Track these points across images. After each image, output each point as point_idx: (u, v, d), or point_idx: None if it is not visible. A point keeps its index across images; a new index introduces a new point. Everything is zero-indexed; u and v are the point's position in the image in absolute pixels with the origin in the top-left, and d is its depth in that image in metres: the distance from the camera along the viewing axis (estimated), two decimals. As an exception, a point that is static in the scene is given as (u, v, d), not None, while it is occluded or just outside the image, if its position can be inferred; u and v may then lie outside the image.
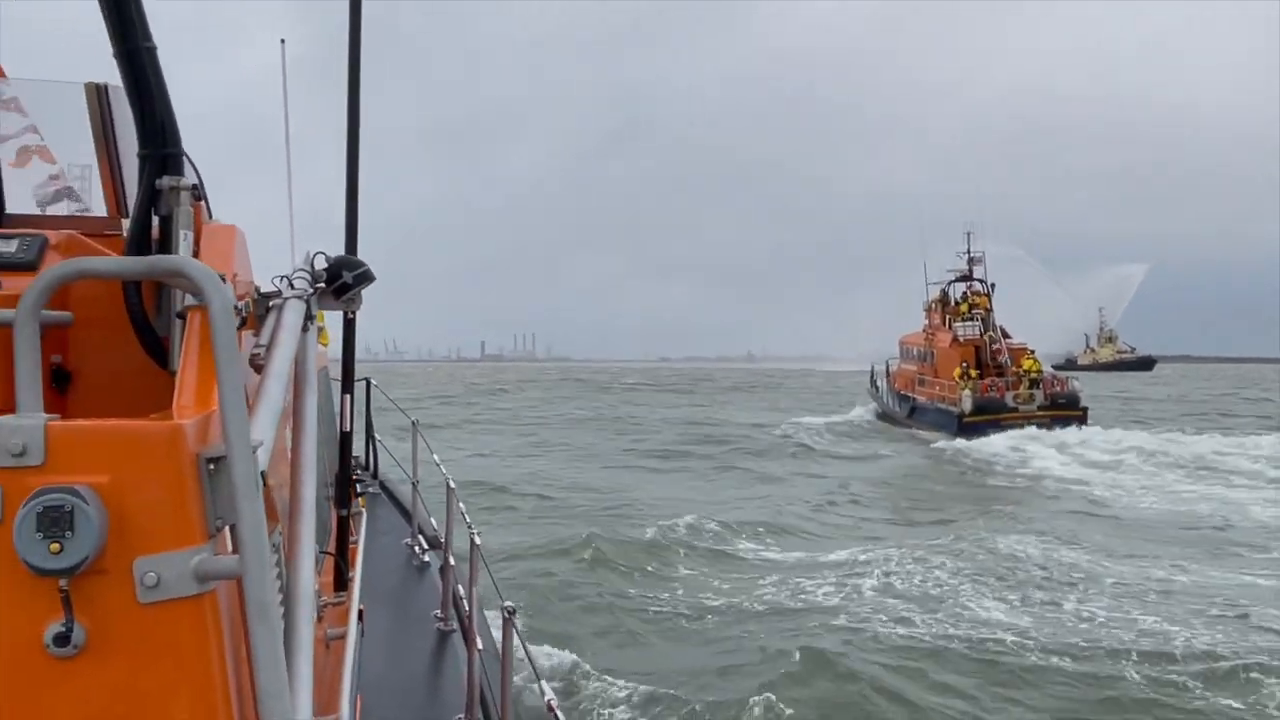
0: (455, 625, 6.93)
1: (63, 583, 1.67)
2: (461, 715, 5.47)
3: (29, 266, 3.04)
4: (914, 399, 48.60)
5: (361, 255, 3.77)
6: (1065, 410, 41.40)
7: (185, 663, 1.76)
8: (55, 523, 1.66)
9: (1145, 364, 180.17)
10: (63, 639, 1.68)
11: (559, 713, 3.90)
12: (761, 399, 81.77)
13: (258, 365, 2.65)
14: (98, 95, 3.84)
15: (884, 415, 52.79)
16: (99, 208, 4.06)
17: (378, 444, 12.14)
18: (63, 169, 4.33)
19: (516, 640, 4.81)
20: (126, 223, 3.54)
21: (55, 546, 1.65)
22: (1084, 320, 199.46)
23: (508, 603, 4.80)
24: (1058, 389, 42.83)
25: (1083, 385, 44.72)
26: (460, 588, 7.15)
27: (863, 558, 17.62)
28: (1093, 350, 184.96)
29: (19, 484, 1.70)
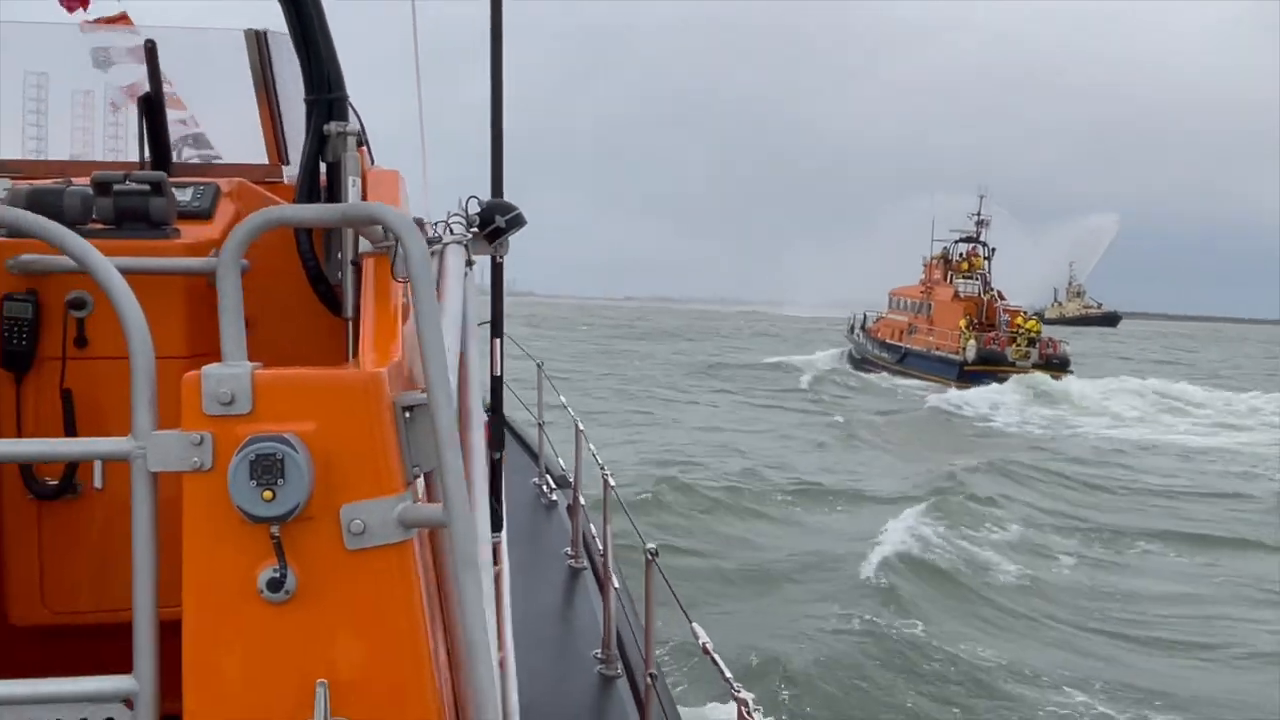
0: (586, 563, 6.87)
1: (274, 529, 1.68)
2: (598, 650, 5.51)
3: (204, 215, 3.11)
4: (905, 347, 51.04)
5: None
6: (1056, 370, 44.38)
7: (391, 608, 1.77)
8: (268, 470, 1.65)
9: (1110, 320, 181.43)
10: (276, 584, 1.69)
11: (715, 655, 3.73)
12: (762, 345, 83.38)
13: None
14: (257, 42, 3.78)
15: (862, 361, 55.31)
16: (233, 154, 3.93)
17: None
18: (191, 115, 4.30)
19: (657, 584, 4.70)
20: (286, 169, 3.74)
21: (268, 494, 1.65)
22: (1055, 274, 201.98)
23: (650, 545, 4.73)
24: (1051, 350, 45.84)
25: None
26: (593, 527, 7.11)
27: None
28: (1060, 305, 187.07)
29: (228, 432, 1.70)
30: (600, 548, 6.25)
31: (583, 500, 7.17)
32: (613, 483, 6.02)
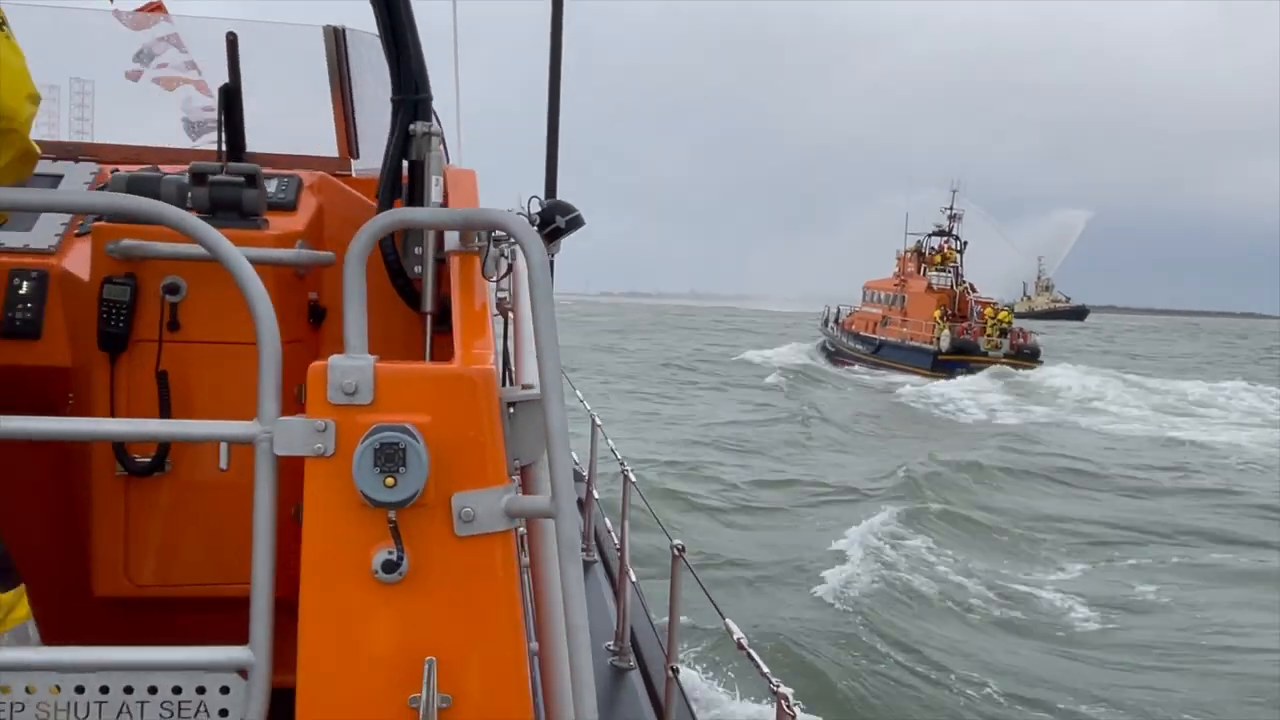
0: (597, 557, 6.84)
1: (392, 514, 1.75)
2: (611, 643, 5.45)
3: (289, 206, 3.19)
4: (880, 339, 51.88)
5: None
6: (1027, 360, 45.27)
7: (496, 592, 1.85)
8: (390, 458, 1.72)
9: (1078, 313, 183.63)
10: (391, 566, 1.77)
11: (750, 651, 3.67)
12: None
13: (505, 309, 2.78)
14: (335, 39, 3.85)
15: (836, 354, 56.08)
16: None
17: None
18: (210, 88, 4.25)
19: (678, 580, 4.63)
20: (356, 163, 3.85)
21: (390, 480, 1.72)
22: (1024, 268, 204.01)
23: (677, 541, 4.71)
24: (1022, 340, 46.78)
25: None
26: (607, 520, 7.11)
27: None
28: (1029, 299, 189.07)
29: (351, 421, 1.78)
30: (615, 542, 6.21)
31: (596, 494, 7.09)
32: (633, 478, 5.99)
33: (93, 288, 2.93)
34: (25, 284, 2.94)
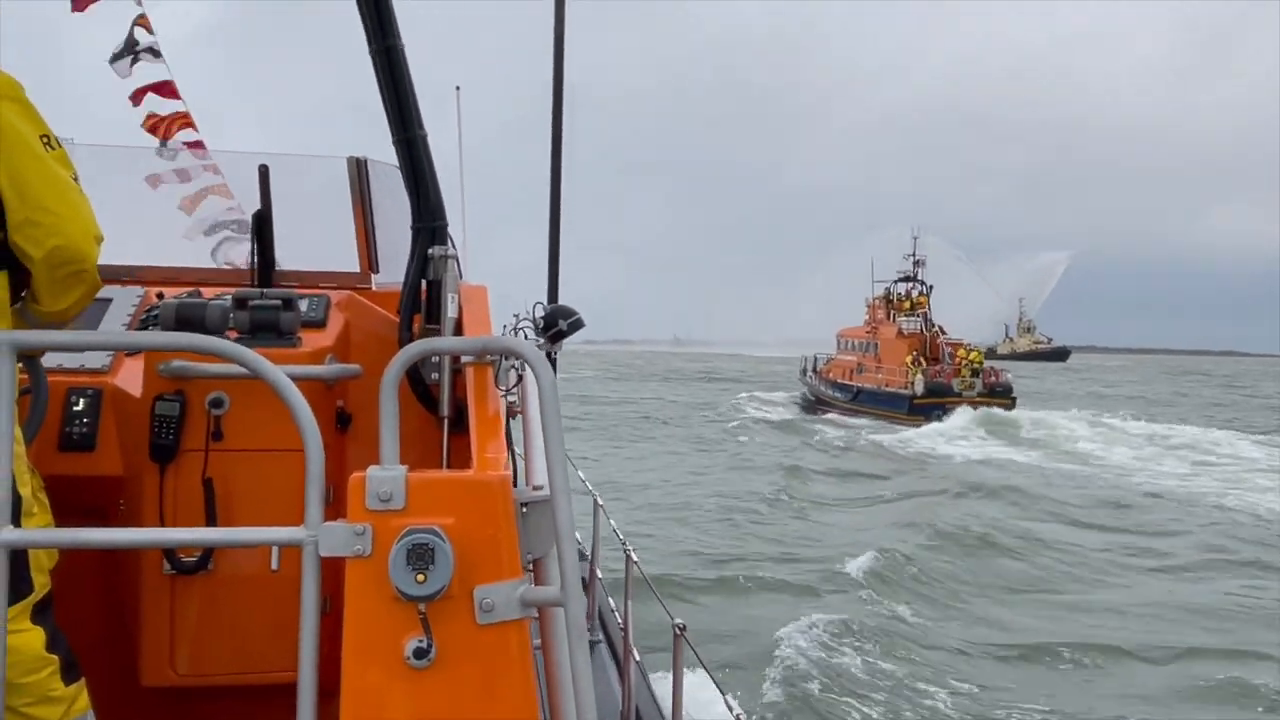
0: (601, 636, 6.92)
1: (422, 606, 1.92)
2: None
3: (319, 324, 3.47)
4: (857, 386, 52.61)
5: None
6: (1000, 399, 46.02)
7: (513, 674, 2.01)
8: (421, 557, 1.90)
9: (1060, 354, 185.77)
10: (421, 653, 1.93)
11: None
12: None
13: (514, 413, 2.97)
14: (357, 167, 4.22)
15: (817, 402, 56.73)
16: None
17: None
18: (237, 204, 4.73)
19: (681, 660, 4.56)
20: (376, 277, 4.16)
21: (421, 576, 1.90)
22: (1006, 310, 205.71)
23: (678, 620, 4.70)
24: (994, 379, 47.56)
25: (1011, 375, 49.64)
26: (611, 600, 7.25)
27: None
28: (1011, 340, 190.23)
29: (385, 525, 1.96)
30: (619, 621, 6.38)
31: (599, 573, 7.27)
32: (635, 557, 6.14)
33: (143, 403, 3.19)
34: (82, 401, 3.24)
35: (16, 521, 2.12)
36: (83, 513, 2.74)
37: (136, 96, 6.07)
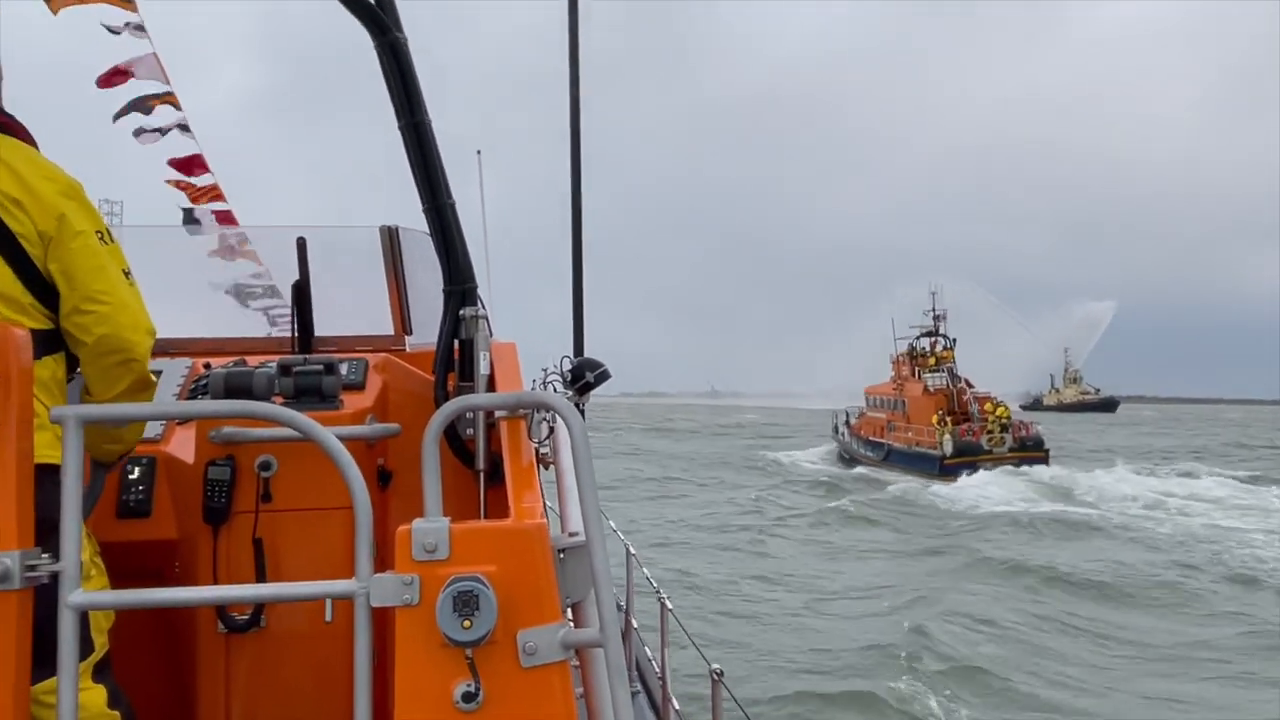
0: (640, 687, 6.95)
1: (469, 651, 2.01)
2: None
3: (359, 386, 3.67)
4: (888, 445, 51.43)
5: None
6: (1031, 452, 44.74)
7: (557, 715, 2.08)
8: (467, 604, 1.99)
9: (1108, 405, 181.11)
10: (470, 697, 2.01)
11: None
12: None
13: (546, 462, 3.07)
14: (389, 236, 4.48)
15: (849, 459, 55.64)
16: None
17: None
18: (267, 269, 5.07)
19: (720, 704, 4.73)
20: (410, 339, 4.36)
21: (467, 623, 1.99)
22: (1051, 361, 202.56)
23: (715, 665, 4.83)
24: (1024, 433, 46.27)
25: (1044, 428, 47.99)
26: (647, 650, 7.32)
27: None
28: (1057, 391, 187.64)
29: (431, 574, 2.05)
30: (657, 669, 6.43)
31: (635, 623, 7.27)
32: (670, 606, 6.23)
33: (195, 469, 3.30)
34: (137, 469, 3.36)
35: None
36: (140, 576, 2.87)
37: (174, 164, 6.53)
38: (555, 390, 3.55)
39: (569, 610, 2.31)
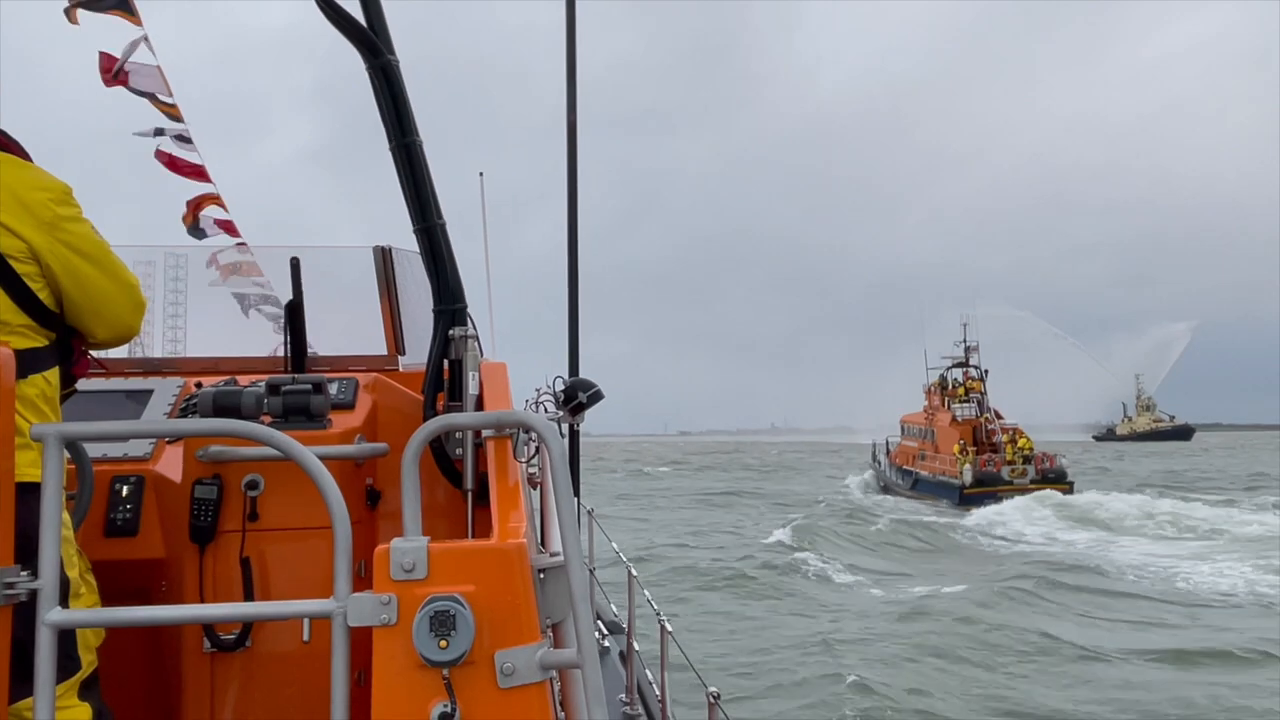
0: (640, 710, 6.86)
1: (446, 672, 1.99)
2: None
3: (348, 405, 3.61)
4: (917, 473, 52.31)
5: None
6: (1055, 484, 44.91)
7: None
8: (443, 624, 1.98)
9: (1183, 433, 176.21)
10: (447, 717, 1.99)
11: None
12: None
13: (534, 482, 3.06)
14: (383, 256, 4.47)
15: (885, 487, 56.95)
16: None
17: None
18: (267, 280, 5.03)
19: None
20: (402, 359, 4.38)
21: (444, 643, 1.98)
22: (1121, 388, 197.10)
23: (712, 688, 4.81)
24: (1047, 465, 46.44)
25: (1069, 460, 48.05)
26: (648, 673, 7.29)
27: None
28: (1130, 420, 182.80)
29: (409, 593, 2.03)
30: (657, 693, 6.44)
31: (636, 646, 7.20)
32: (670, 628, 6.23)
33: (183, 488, 3.32)
34: (125, 488, 3.41)
35: (65, 603, 2.25)
36: (127, 595, 2.92)
37: (167, 161, 6.43)
38: (546, 411, 3.49)
39: (550, 631, 2.30)
